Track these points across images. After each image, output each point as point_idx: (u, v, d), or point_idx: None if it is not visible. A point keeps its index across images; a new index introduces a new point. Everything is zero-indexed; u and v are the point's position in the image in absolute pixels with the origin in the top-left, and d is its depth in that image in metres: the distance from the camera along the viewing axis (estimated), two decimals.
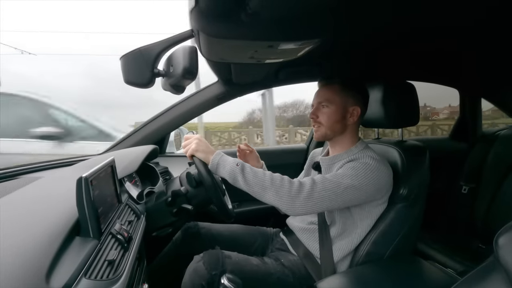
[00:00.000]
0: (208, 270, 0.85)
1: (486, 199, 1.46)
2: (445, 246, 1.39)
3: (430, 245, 1.41)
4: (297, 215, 1.05)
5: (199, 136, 0.94)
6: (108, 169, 0.74)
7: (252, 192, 0.86)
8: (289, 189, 0.83)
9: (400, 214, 0.96)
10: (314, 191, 0.83)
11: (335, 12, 0.64)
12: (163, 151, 1.57)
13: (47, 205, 0.66)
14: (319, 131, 0.99)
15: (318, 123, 0.98)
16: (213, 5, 0.55)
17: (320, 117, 0.98)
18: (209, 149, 0.90)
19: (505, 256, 0.49)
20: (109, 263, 0.54)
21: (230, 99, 1.42)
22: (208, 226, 1.14)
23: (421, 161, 1.01)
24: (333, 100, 0.96)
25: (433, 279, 0.91)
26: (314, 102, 1.00)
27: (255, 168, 0.87)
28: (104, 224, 0.63)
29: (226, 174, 0.86)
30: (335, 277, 0.91)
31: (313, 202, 0.83)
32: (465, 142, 1.75)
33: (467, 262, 1.25)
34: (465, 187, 1.57)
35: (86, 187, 0.57)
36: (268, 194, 0.83)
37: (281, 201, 0.83)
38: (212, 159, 0.88)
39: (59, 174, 0.98)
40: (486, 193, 1.47)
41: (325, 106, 0.97)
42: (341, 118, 0.97)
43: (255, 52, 0.80)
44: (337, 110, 0.96)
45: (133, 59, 0.72)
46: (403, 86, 1.07)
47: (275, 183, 0.83)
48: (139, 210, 0.87)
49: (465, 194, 1.56)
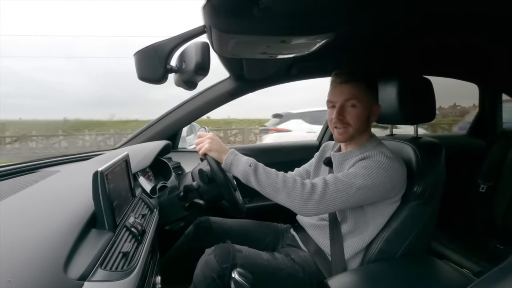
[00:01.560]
0: (219, 263, 0.86)
1: (505, 198, 1.41)
2: (461, 246, 1.35)
3: (446, 244, 1.38)
4: (309, 216, 1.05)
5: (212, 134, 0.93)
6: (123, 164, 0.75)
7: (264, 193, 0.86)
8: (302, 192, 0.82)
9: (414, 212, 0.94)
10: (326, 193, 0.82)
11: (349, 4, 0.62)
12: (176, 146, 1.59)
13: (65, 198, 0.68)
14: (346, 133, 0.93)
15: (346, 124, 0.91)
16: (225, 1, 0.55)
17: (347, 117, 0.91)
18: (222, 148, 0.91)
19: None
20: (123, 255, 0.56)
21: (242, 95, 1.42)
22: (220, 220, 1.16)
23: (437, 159, 0.98)
24: (361, 98, 0.90)
25: (448, 279, 0.88)
26: (338, 99, 0.92)
27: (268, 169, 0.87)
28: (119, 217, 0.64)
29: (239, 174, 0.87)
30: (345, 274, 0.90)
31: (325, 204, 0.83)
32: (484, 139, 1.69)
33: (484, 263, 1.22)
34: (483, 185, 1.52)
35: (102, 181, 0.58)
36: (281, 196, 0.84)
37: (293, 203, 0.83)
38: (226, 159, 0.88)
39: (76, 168, 1.01)
40: (506, 191, 1.42)
41: (354, 106, 0.91)
42: (367, 118, 0.94)
43: (268, 48, 0.80)
44: (364, 109, 0.92)
45: (147, 56, 0.73)
46: (419, 81, 1.04)
47: (287, 185, 0.83)
48: (152, 204, 0.88)
49: (483, 192, 1.51)
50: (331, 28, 0.73)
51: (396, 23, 0.83)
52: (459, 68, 1.49)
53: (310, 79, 1.44)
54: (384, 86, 1.03)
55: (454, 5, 0.70)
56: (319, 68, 1.27)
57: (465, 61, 1.38)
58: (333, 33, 0.74)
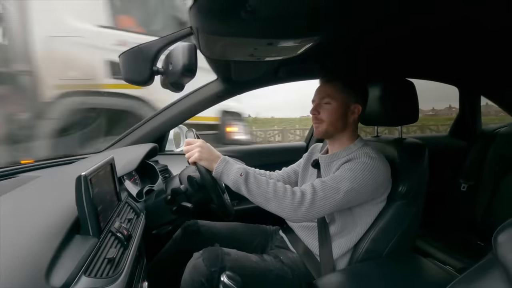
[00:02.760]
0: (207, 267, 0.86)
1: (485, 197, 1.47)
2: (444, 244, 1.39)
3: (430, 242, 1.42)
4: (300, 223, 1.05)
5: (201, 141, 0.92)
6: (108, 167, 0.73)
7: (255, 201, 0.87)
8: (292, 201, 0.83)
9: (399, 211, 0.96)
10: (315, 199, 0.84)
11: (334, 9, 0.63)
12: (163, 149, 1.57)
13: (46, 204, 0.66)
14: (320, 127, 0.99)
15: (319, 119, 0.98)
16: (212, 3, 0.55)
17: (321, 113, 0.97)
18: (213, 156, 0.90)
19: (504, 254, 0.49)
20: (109, 261, 0.54)
21: (229, 97, 1.42)
22: (208, 224, 1.15)
23: (420, 159, 1.01)
24: (335, 96, 0.96)
25: (432, 276, 0.91)
26: (316, 98, 1.00)
27: (259, 177, 0.87)
28: (104, 222, 0.63)
29: (230, 183, 0.87)
30: (334, 275, 0.91)
31: (315, 211, 0.84)
32: (465, 139, 1.75)
33: (466, 259, 1.26)
34: (464, 184, 1.57)
35: (86, 185, 0.57)
36: (271, 205, 0.85)
37: (283, 212, 0.84)
38: (216, 167, 0.88)
39: (58, 172, 0.98)
40: (486, 190, 1.47)
41: (327, 103, 0.97)
42: (342, 115, 0.97)
43: (255, 50, 0.80)
44: (339, 107, 0.96)
45: (133, 57, 0.72)
46: (403, 83, 1.07)
47: (277, 195, 0.84)
48: (138, 208, 0.87)
49: (465, 191, 1.56)
50: (317, 31, 0.74)
51: (380, 28, 0.85)
52: (440, 72, 1.54)
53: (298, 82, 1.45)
54: (370, 89, 1.05)
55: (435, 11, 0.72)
56: (306, 71, 1.28)
57: (445, 65, 1.43)
58: (319, 36, 0.76)
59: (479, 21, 0.85)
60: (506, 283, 0.48)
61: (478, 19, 0.82)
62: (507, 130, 1.50)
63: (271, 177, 1.18)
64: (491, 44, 1.10)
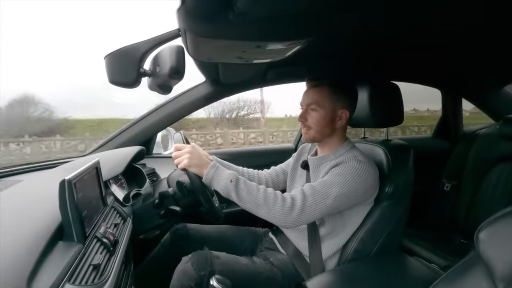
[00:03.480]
0: (196, 271, 0.85)
1: (467, 196, 1.51)
2: (429, 242, 1.43)
3: (416, 241, 1.45)
4: (290, 228, 1.05)
5: (191, 147, 0.90)
6: (93, 171, 0.72)
7: (245, 207, 0.86)
8: (282, 207, 0.84)
9: (386, 211, 0.98)
10: (305, 205, 0.84)
11: (321, 13, 0.64)
12: (150, 152, 1.54)
13: (28, 210, 0.64)
14: (308, 134, 0.99)
15: (307, 126, 0.98)
16: (200, 4, 0.55)
17: (309, 120, 0.97)
18: (202, 162, 0.88)
19: (485, 251, 0.51)
20: (94, 268, 0.53)
21: (218, 99, 1.42)
22: (197, 227, 1.13)
23: (406, 160, 1.03)
24: (322, 103, 0.95)
25: (418, 274, 0.93)
26: (303, 103, 0.99)
27: (249, 184, 0.87)
28: (89, 227, 0.61)
29: (220, 189, 0.86)
30: (323, 275, 0.92)
31: (305, 217, 0.85)
32: (448, 140, 1.81)
33: (450, 257, 1.29)
34: (447, 184, 1.62)
35: (70, 189, 0.55)
36: (262, 211, 0.84)
37: (274, 218, 0.84)
38: (207, 173, 0.87)
39: (40, 177, 0.95)
40: (467, 190, 1.52)
41: (314, 109, 0.96)
42: (330, 122, 0.97)
43: (243, 52, 0.80)
44: (326, 114, 0.95)
45: (118, 59, 0.70)
46: (388, 86, 1.10)
47: (268, 201, 0.84)
48: (125, 213, 0.85)
49: (448, 191, 1.61)
50: (305, 34, 0.74)
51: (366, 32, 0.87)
52: (424, 75, 1.59)
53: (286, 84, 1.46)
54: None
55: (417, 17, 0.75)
56: (294, 74, 1.29)
57: (428, 68, 1.47)
58: (307, 39, 0.76)
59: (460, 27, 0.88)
60: (488, 279, 0.49)
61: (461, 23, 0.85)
62: (486, 132, 1.55)
63: (259, 176, 1.18)
64: (471, 49, 1.14)
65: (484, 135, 1.54)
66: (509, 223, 0.51)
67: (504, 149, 1.43)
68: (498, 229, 0.51)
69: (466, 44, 1.08)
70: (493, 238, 0.51)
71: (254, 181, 1.16)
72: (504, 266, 0.48)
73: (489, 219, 0.53)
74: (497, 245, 0.50)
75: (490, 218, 0.53)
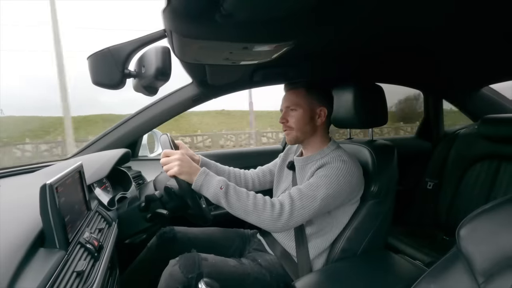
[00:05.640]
0: (184, 274, 0.84)
1: (448, 194, 1.57)
2: (413, 240, 1.46)
3: (400, 239, 1.48)
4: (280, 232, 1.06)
5: (180, 154, 0.88)
6: (76, 175, 0.70)
7: (234, 214, 0.87)
8: (271, 213, 0.85)
9: (372, 210, 1.00)
10: (294, 209, 0.86)
11: (307, 16, 0.65)
12: (136, 155, 1.51)
13: (7, 215, 0.61)
14: (290, 134, 1.01)
15: (289, 127, 1.01)
16: (186, 5, 0.54)
17: (289, 121, 1.00)
18: (192, 169, 0.87)
19: (466, 246, 0.53)
20: (77, 275, 0.52)
21: (205, 100, 1.40)
22: (185, 230, 1.12)
23: (390, 159, 1.06)
24: (299, 103, 0.99)
25: (403, 271, 0.95)
26: (282, 106, 1.03)
27: (238, 190, 0.87)
28: (72, 233, 0.59)
29: (210, 196, 0.86)
30: (311, 275, 0.93)
31: (294, 221, 0.86)
32: (429, 140, 1.87)
33: (433, 254, 1.33)
34: (430, 183, 1.67)
35: (51, 194, 0.53)
36: (251, 218, 0.85)
37: (263, 224, 0.85)
38: (196, 180, 0.86)
39: (19, 181, 0.91)
40: (449, 188, 1.57)
41: (293, 110, 1.00)
42: (310, 120, 1.00)
43: (230, 54, 0.80)
44: (305, 112, 0.99)
45: (102, 59, 0.69)
46: (372, 88, 1.12)
47: (257, 207, 0.85)
48: (110, 217, 0.83)
49: (430, 189, 1.66)
50: (291, 36, 0.75)
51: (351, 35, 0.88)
52: (405, 77, 1.63)
53: (272, 85, 1.47)
54: (342, 93, 1.09)
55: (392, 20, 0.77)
56: (282, 75, 1.30)
57: (410, 70, 1.52)
58: (293, 41, 0.77)
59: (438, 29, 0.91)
60: (469, 274, 0.51)
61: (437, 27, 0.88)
62: (466, 132, 1.61)
63: (246, 176, 1.19)
64: (451, 51, 1.18)
65: (463, 135, 1.60)
66: (487, 220, 0.53)
67: (483, 148, 1.49)
68: (477, 225, 0.53)
69: (445, 47, 1.12)
70: (472, 235, 0.53)
71: (241, 181, 1.17)
72: (483, 261, 0.50)
73: (468, 216, 0.55)
74: (476, 241, 0.52)
75: (469, 215, 0.55)
